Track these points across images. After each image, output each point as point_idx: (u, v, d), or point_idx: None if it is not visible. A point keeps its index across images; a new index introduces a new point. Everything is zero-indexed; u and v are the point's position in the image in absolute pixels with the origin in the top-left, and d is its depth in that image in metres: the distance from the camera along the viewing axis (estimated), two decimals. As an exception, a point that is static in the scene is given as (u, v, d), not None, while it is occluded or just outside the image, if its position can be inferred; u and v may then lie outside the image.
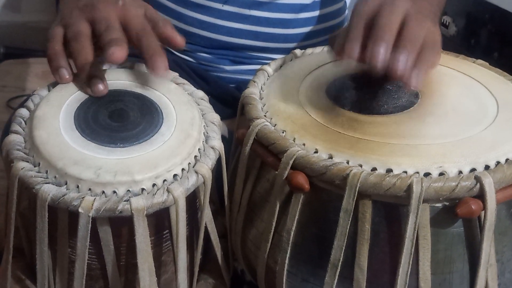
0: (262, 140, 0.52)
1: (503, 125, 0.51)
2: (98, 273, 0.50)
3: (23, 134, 0.50)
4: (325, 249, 0.49)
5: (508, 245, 0.50)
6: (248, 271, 0.59)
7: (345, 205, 0.46)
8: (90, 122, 0.51)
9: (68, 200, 0.45)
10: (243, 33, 0.80)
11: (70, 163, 0.47)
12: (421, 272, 0.47)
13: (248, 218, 0.56)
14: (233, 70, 0.83)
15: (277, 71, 0.62)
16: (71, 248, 0.49)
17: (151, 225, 0.48)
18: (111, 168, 0.47)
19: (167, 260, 0.53)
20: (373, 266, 0.48)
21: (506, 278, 0.50)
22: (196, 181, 0.48)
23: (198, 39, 0.81)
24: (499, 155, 0.47)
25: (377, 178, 0.45)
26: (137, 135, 0.50)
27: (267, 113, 0.55)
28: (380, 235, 0.47)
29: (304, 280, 0.52)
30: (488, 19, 1.07)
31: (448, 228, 0.47)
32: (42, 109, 0.51)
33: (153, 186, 0.47)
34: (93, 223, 0.46)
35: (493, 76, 0.59)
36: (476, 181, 0.45)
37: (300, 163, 0.48)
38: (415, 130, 0.50)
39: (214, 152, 0.51)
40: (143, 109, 0.53)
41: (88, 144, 0.48)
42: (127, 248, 0.49)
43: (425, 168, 0.46)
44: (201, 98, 0.57)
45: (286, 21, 0.80)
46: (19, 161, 0.48)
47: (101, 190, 0.46)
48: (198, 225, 0.53)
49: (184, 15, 0.80)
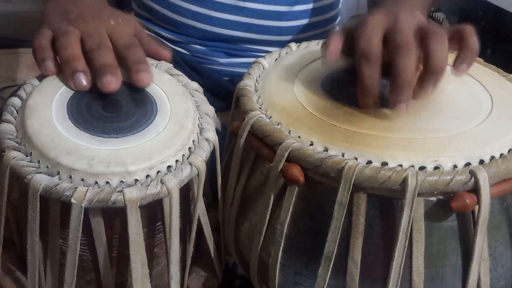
0: (257, 132, 0.51)
1: (497, 120, 0.51)
2: (90, 264, 0.50)
3: (15, 124, 0.50)
4: (319, 242, 0.49)
5: (501, 240, 0.50)
6: (241, 264, 0.59)
7: (340, 198, 0.46)
8: (83, 112, 0.50)
9: (61, 190, 0.45)
10: (237, 25, 0.79)
11: (63, 153, 0.46)
12: (414, 265, 0.47)
13: (241, 211, 0.56)
14: (227, 63, 0.83)
15: (272, 64, 0.62)
16: (63, 239, 0.48)
17: (144, 216, 0.47)
18: (104, 159, 0.46)
19: (160, 252, 0.52)
20: (367, 259, 0.48)
21: (498, 273, 0.51)
22: (190, 173, 0.48)
23: (192, 31, 0.81)
24: (493, 150, 0.47)
25: (372, 171, 0.45)
26: (131, 126, 0.49)
27: (262, 105, 0.54)
28: (374, 228, 0.47)
29: (297, 273, 0.51)
30: (481, 16, 1.07)
31: (442, 222, 0.47)
32: (35, 99, 0.51)
33: (146, 177, 0.47)
34: (86, 214, 0.46)
35: (488, 72, 0.60)
36: (471, 176, 0.45)
37: (295, 156, 0.48)
38: (410, 124, 0.50)
39: (208, 144, 0.51)
40: (137, 99, 0.52)
41: (81, 134, 0.48)
42: (120, 239, 0.49)
43: (420, 162, 0.46)
44: (196, 89, 0.57)
45: (281, 14, 0.79)
46: (11, 151, 0.47)
47: (94, 180, 0.46)
48: (191, 218, 0.53)
49: (178, 7, 0.79)
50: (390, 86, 0.49)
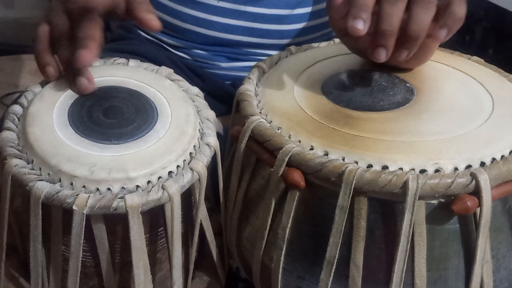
0: (257, 137, 0.51)
1: (498, 121, 0.51)
2: (93, 270, 0.50)
3: (16, 131, 0.50)
4: (321, 246, 0.48)
5: (503, 242, 0.50)
6: (243, 269, 0.59)
7: (341, 202, 0.46)
8: (84, 119, 0.50)
9: (62, 197, 0.45)
10: (238, 29, 0.79)
11: (64, 160, 0.46)
12: (416, 269, 0.47)
13: (243, 215, 0.56)
14: (229, 67, 0.83)
15: (272, 68, 0.62)
16: (65, 246, 0.49)
17: (146, 222, 0.47)
18: (106, 165, 0.46)
19: (162, 258, 0.52)
20: (369, 263, 0.48)
21: (501, 275, 0.50)
22: (191, 178, 0.48)
23: (193, 36, 0.81)
24: (494, 151, 0.47)
25: (373, 175, 0.45)
26: (132, 132, 0.50)
27: (262, 109, 0.54)
28: (375, 232, 0.47)
29: (300, 277, 0.51)
30: (483, 16, 1.07)
31: (444, 225, 0.47)
32: (36, 106, 0.51)
33: (148, 183, 0.47)
34: (87, 220, 0.46)
35: (489, 72, 0.59)
36: (472, 178, 0.45)
37: (295, 160, 0.48)
38: (410, 126, 0.50)
39: (209, 149, 0.51)
40: (137, 106, 0.52)
41: (82, 141, 0.48)
42: (122, 245, 0.49)
43: (421, 165, 0.46)
44: (196, 94, 0.57)
45: (282, 17, 0.79)
46: (12, 158, 0.47)
47: (96, 187, 0.46)
48: (193, 223, 0.53)
49: (179, 12, 0.80)
50: (374, 33, 0.48)
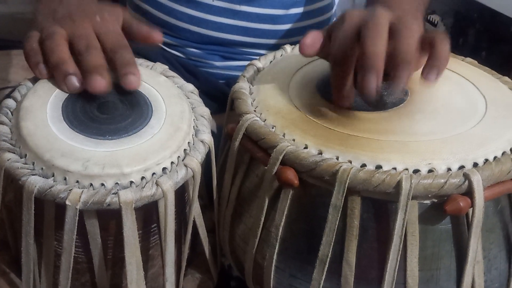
0: (251, 135, 0.51)
1: (491, 122, 0.51)
2: (85, 266, 0.50)
3: (10, 125, 0.50)
4: (314, 245, 0.49)
5: (495, 242, 0.50)
6: (236, 266, 0.59)
7: (334, 201, 0.46)
8: (78, 114, 0.50)
9: (55, 192, 0.45)
10: (233, 28, 0.79)
11: (58, 155, 0.46)
12: (408, 268, 0.48)
13: (236, 213, 0.56)
14: (223, 66, 0.83)
15: (267, 66, 0.62)
16: (57, 241, 0.48)
17: (139, 218, 0.47)
18: (99, 161, 0.46)
19: (155, 254, 0.52)
20: (361, 262, 0.48)
21: (492, 275, 0.51)
22: (185, 175, 0.48)
23: (188, 35, 0.81)
24: (487, 152, 0.48)
25: (367, 175, 0.45)
26: (126, 128, 0.49)
27: (256, 108, 0.54)
28: (368, 231, 0.48)
29: (292, 275, 0.52)
30: (476, 18, 1.08)
31: (436, 225, 0.48)
32: (29, 100, 0.51)
33: (141, 179, 0.47)
34: (80, 216, 0.46)
35: (482, 74, 0.60)
36: (465, 178, 0.45)
37: (289, 159, 0.48)
38: (404, 126, 0.50)
39: (203, 145, 0.51)
40: (132, 101, 0.52)
41: (76, 136, 0.48)
42: (115, 241, 0.49)
43: (415, 165, 0.46)
44: (191, 91, 0.57)
45: (276, 17, 0.80)
46: (5, 152, 0.47)
47: (89, 182, 0.45)
48: (187, 220, 0.53)
49: (174, 10, 0.79)
50: (359, 70, 0.48)
